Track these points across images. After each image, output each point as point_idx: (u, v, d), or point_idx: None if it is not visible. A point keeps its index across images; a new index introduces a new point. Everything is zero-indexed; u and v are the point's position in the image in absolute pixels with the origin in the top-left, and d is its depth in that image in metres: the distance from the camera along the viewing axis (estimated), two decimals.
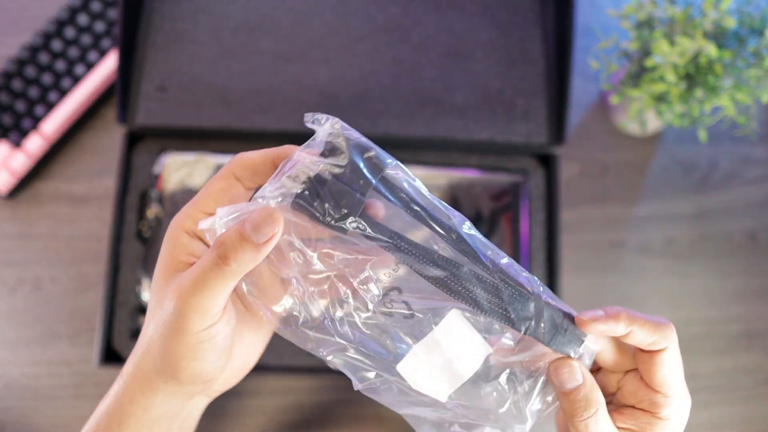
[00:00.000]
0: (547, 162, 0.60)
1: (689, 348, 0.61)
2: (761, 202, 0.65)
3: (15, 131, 0.60)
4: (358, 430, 0.57)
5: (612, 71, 0.57)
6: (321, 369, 0.55)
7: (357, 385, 0.30)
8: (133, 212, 0.58)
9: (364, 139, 0.27)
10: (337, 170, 0.26)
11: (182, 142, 0.60)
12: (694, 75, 0.53)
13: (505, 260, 0.28)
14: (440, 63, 0.61)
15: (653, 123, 0.63)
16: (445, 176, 0.60)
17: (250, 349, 0.33)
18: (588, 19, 0.67)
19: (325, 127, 0.27)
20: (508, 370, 0.30)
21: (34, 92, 0.61)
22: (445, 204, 0.28)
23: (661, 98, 0.55)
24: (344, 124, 0.27)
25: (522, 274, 0.28)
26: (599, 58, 0.61)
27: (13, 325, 0.59)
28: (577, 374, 0.29)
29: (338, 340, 0.29)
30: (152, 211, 0.58)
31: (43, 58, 0.62)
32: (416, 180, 0.27)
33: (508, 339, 0.29)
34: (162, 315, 0.27)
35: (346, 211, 0.26)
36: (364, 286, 0.28)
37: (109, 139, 0.64)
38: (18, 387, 0.57)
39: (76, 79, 0.62)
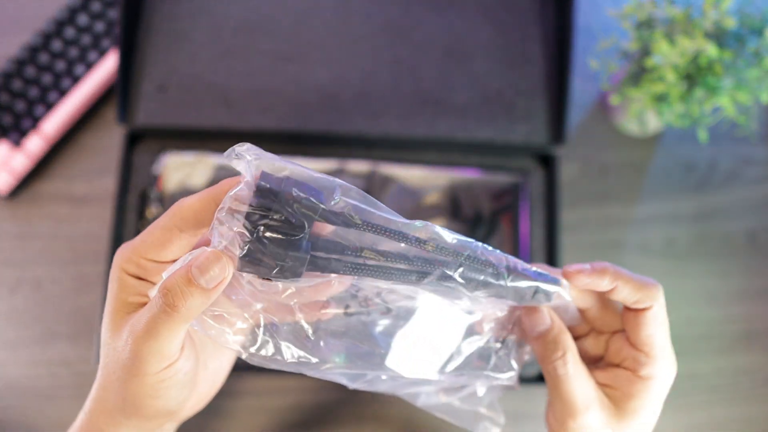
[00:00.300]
0: (547, 162, 0.60)
1: (689, 348, 0.61)
2: (761, 202, 0.65)
3: (15, 131, 0.60)
4: (358, 430, 0.57)
5: (612, 71, 0.57)
6: None
7: (351, 385, 0.31)
8: (133, 212, 0.58)
9: (292, 175, 0.25)
10: (272, 222, 0.24)
11: (182, 142, 0.60)
12: (694, 75, 0.53)
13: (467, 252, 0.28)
14: (440, 63, 0.61)
15: (653, 123, 0.63)
16: (445, 176, 0.60)
17: (216, 373, 0.33)
18: (588, 19, 0.67)
19: (247, 163, 0.25)
20: (490, 334, 0.32)
21: (34, 92, 0.61)
22: (391, 211, 0.27)
23: (661, 98, 0.55)
24: (266, 157, 0.25)
25: (496, 253, 0.29)
26: (599, 58, 0.61)
27: (13, 325, 0.59)
28: (546, 319, 0.31)
29: (315, 359, 0.29)
30: (152, 211, 0.58)
31: (43, 58, 0.62)
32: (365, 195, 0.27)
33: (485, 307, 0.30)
34: (118, 357, 0.27)
35: (293, 267, 0.25)
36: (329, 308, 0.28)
37: (109, 139, 0.64)
38: (18, 387, 0.57)
39: (76, 79, 0.62)
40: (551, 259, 0.58)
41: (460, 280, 0.27)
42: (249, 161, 0.25)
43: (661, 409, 0.33)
